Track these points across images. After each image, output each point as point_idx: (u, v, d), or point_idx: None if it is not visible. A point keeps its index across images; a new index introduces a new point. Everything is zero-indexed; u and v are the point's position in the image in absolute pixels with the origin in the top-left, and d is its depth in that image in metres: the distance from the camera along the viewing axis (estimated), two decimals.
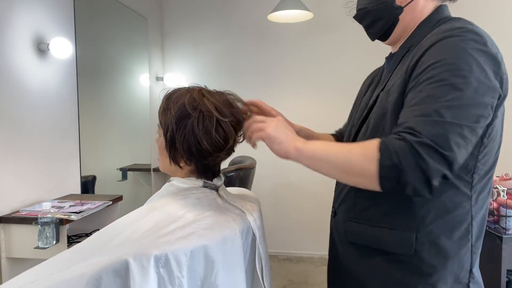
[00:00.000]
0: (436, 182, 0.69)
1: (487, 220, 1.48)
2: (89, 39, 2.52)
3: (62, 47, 2.01)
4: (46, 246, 1.65)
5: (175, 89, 0.93)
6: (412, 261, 0.81)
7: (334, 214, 1.00)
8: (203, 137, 0.86)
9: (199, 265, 0.77)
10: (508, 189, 1.42)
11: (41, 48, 2.01)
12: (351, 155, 0.75)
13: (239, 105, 0.94)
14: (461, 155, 0.71)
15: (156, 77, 3.46)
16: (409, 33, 0.91)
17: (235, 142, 0.93)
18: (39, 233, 1.64)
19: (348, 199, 0.92)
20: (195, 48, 3.55)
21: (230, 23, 3.49)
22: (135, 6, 3.07)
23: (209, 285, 0.79)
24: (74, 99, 2.32)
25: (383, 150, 0.71)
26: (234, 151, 0.95)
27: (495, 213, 1.43)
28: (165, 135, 0.90)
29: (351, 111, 1.10)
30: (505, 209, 1.41)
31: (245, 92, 1.01)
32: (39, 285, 0.70)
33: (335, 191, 1.02)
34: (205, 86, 0.94)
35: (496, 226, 1.44)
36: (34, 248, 1.66)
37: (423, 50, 0.79)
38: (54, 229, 1.66)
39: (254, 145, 0.93)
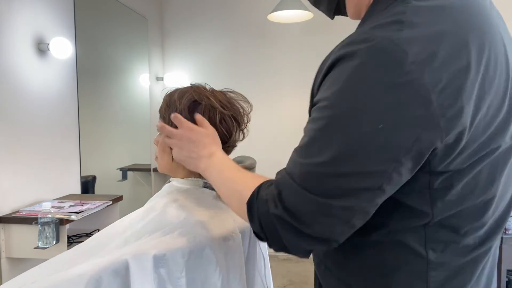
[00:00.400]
0: (302, 249, 0.59)
1: None
2: (89, 39, 2.52)
3: (62, 47, 2.01)
4: (46, 246, 1.65)
5: (177, 88, 0.93)
6: None
7: None
8: None
9: (199, 265, 0.77)
10: None
11: (41, 48, 2.01)
12: (231, 195, 0.68)
13: (241, 102, 0.95)
14: (311, 219, 0.57)
15: (156, 77, 3.46)
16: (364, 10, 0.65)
17: (237, 136, 0.93)
18: (39, 233, 1.64)
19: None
20: (195, 48, 3.55)
21: (230, 23, 3.49)
22: (135, 6, 3.07)
23: (209, 285, 0.79)
24: (74, 99, 2.32)
25: (254, 198, 0.60)
26: (236, 145, 0.96)
27: None
28: None
29: None
30: None
31: (245, 92, 1.02)
32: (39, 286, 0.70)
33: None
34: (205, 84, 0.95)
35: None
36: (34, 248, 1.66)
37: (322, 71, 0.58)
38: (54, 229, 1.66)
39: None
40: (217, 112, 0.87)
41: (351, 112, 0.52)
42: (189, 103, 0.87)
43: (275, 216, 0.55)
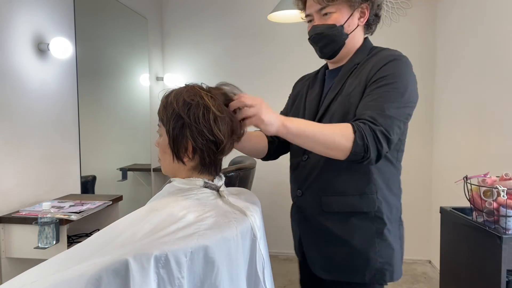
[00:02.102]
0: (383, 156, 1.05)
1: (487, 220, 1.48)
2: (89, 39, 2.52)
3: (62, 47, 2.01)
4: (46, 246, 1.65)
5: (173, 89, 0.94)
6: (376, 214, 1.14)
7: (301, 194, 1.23)
8: (204, 128, 0.87)
9: (199, 266, 0.77)
10: (508, 189, 1.42)
11: (41, 48, 2.01)
12: (332, 134, 1.00)
13: (236, 92, 0.97)
14: (395, 139, 1.05)
15: (156, 77, 3.46)
16: (350, 55, 1.22)
17: (234, 134, 0.94)
18: (39, 233, 1.64)
19: (318, 180, 1.17)
20: (195, 48, 3.55)
21: (230, 23, 3.49)
22: (135, 6, 3.07)
23: (209, 286, 0.79)
24: (74, 99, 2.32)
25: (357, 133, 0.99)
26: (238, 140, 0.98)
27: (495, 213, 1.43)
28: (167, 131, 0.90)
29: (293, 110, 1.33)
30: (505, 209, 1.41)
31: (245, 91, 1.02)
32: (39, 286, 0.70)
33: (296, 177, 1.24)
34: (201, 83, 0.96)
35: (496, 226, 1.44)
36: (34, 248, 1.66)
37: (380, 66, 1.10)
38: (54, 229, 1.66)
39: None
40: (211, 112, 0.87)
41: (404, 82, 1.08)
42: (185, 103, 0.87)
43: (379, 131, 1.00)
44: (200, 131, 0.88)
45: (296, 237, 1.31)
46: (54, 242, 1.66)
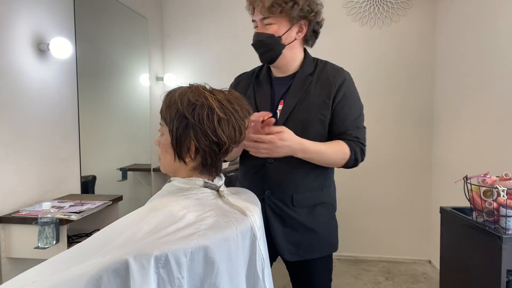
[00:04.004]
0: None
1: (487, 220, 1.48)
2: (89, 39, 2.52)
3: (62, 47, 2.01)
4: (46, 246, 1.65)
5: (177, 87, 0.94)
6: (330, 202, 1.43)
7: (270, 194, 1.37)
8: (208, 129, 0.87)
9: (199, 266, 0.77)
10: (508, 189, 1.42)
11: (41, 48, 2.01)
12: (337, 153, 1.31)
13: (241, 101, 0.96)
14: None
15: (156, 77, 3.46)
16: (297, 64, 1.40)
17: (236, 136, 0.94)
18: (39, 233, 1.64)
19: (289, 180, 1.35)
20: (195, 48, 3.55)
21: (230, 23, 3.49)
22: (135, 6, 3.07)
23: (209, 286, 0.79)
24: (74, 99, 2.32)
25: (352, 152, 1.32)
26: (236, 146, 0.97)
27: (495, 213, 1.43)
28: (170, 130, 0.90)
29: None
30: (505, 209, 1.41)
31: None
32: (40, 285, 0.70)
33: (262, 178, 1.37)
34: (205, 83, 0.95)
35: (496, 226, 1.44)
36: (34, 248, 1.66)
37: (339, 85, 1.34)
38: (54, 229, 1.66)
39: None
40: (215, 113, 0.87)
41: (357, 96, 1.39)
42: (190, 103, 0.87)
43: (362, 147, 1.35)
44: (204, 131, 0.87)
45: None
46: (54, 242, 1.66)
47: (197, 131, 0.87)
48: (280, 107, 1.36)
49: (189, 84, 0.95)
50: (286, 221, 1.36)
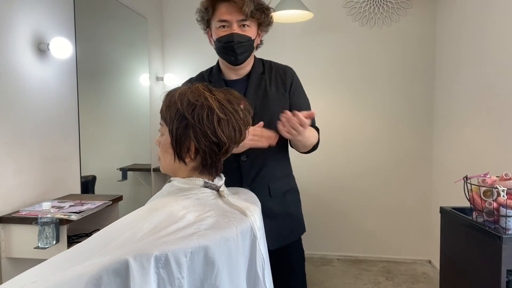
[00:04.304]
0: None
1: (487, 220, 1.48)
2: (89, 39, 2.52)
3: (62, 47, 2.01)
4: (46, 246, 1.65)
5: (176, 88, 0.94)
6: (295, 187, 1.57)
7: (249, 189, 1.39)
8: (207, 129, 0.87)
9: (199, 266, 0.77)
10: (508, 189, 1.42)
11: (41, 48, 2.01)
12: (313, 136, 1.43)
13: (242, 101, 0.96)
14: None
15: (156, 77, 3.46)
16: (250, 66, 1.51)
17: (236, 136, 0.93)
18: (39, 233, 1.64)
19: (263, 172, 1.44)
20: (195, 48, 3.55)
21: None
22: (135, 6, 3.07)
23: (209, 286, 0.79)
24: (74, 99, 2.32)
25: (318, 136, 1.49)
26: (237, 146, 0.97)
27: (495, 213, 1.43)
28: (170, 131, 0.90)
29: None
30: (505, 209, 1.41)
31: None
32: (40, 285, 0.70)
33: (237, 176, 1.42)
34: (205, 83, 0.95)
35: (496, 226, 1.44)
36: (34, 248, 1.66)
37: (291, 81, 1.52)
38: (54, 229, 1.66)
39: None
40: (215, 114, 0.87)
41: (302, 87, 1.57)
42: (190, 104, 0.87)
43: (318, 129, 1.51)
44: (203, 132, 0.87)
45: None
46: (54, 242, 1.66)
47: (197, 132, 0.87)
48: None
49: (189, 83, 0.95)
50: (264, 212, 1.39)
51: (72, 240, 1.95)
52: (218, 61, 1.55)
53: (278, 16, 2.79)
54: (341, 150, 3.37)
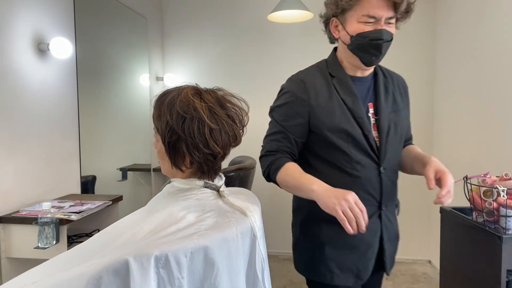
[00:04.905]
0: None
1: (487, 220, 1.48)
2: (89, 39, 2.52)
3: (62, 47, 2.01)
4: (46, 246, 1.65)
5: (165, 92, 0.91)
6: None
7: (386, 207, 1.37)
8: (199, 142, 0.85)
9: (199, 266, 0.77)
10: (508, 189, 1.42)
11: (41, 48, 2.01)
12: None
13: (235, 101, 0.93)
14: None
15: (156, 77, 3.46)
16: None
17: (232, 140, 0.92)
18: (39, 233, 1.64)
19: (395, 188, 1.45)
20: (195, 48, 3.55)
21: (230, 23, 3.49)
22: (135, 6, 3.07)
23: (208, 286, 0.79)
24: (74, 99, 2.32)
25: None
26: (235, 146, 0.95)
27: (495, 213, 1.43)
28: (163, 141, 0.89)
29: (330, 116, 1.25)
30: (505, 209, 1.41)
31: (245, 91, 1.02)
32: (40, 285, 0.70)
33: (376, 191, 1.33)
34: (196, 84, 0.93)
35: (496, 226, 1.44)
36: (34, 248, 1.66)
37: (408, 94, 1.37)
38: (54, 229, 1.66)
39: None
40: (206, 125, 0.85)
41: None
42: (179, 117, 0.85)
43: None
44: (195, 145, 0.85)
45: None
46: (54, 242, 1.66)
47: (189, 145, 0.85)
48: (371, 110, 1.27)
49: (179, 86, 0.92)
50: (390, 233, 1.38)
51: (72, 240, 1.95)
52: (333, 54, 1.33)
53: (278, 16, 2.79)
54: None
